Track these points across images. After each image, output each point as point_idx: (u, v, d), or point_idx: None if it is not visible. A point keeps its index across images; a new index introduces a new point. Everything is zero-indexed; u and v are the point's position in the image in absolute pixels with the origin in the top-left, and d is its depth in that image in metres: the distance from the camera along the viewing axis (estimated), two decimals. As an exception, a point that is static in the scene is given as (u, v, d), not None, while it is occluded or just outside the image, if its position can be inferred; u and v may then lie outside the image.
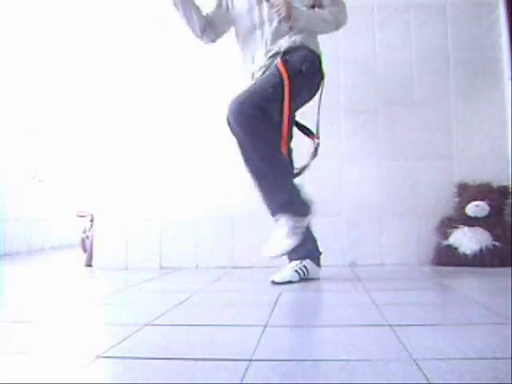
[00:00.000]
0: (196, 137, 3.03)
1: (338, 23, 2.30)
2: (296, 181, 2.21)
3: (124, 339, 1.29)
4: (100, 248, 3.04)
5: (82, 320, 1.64)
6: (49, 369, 1.08)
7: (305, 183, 2.33)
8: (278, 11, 2.15)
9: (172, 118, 3.05)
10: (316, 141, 2.27)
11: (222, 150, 2.86)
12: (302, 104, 2.28)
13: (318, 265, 2.34)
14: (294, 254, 2.25)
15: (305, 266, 2.25)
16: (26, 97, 4.51)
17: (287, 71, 2.12)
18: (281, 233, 2.11)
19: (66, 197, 5.09)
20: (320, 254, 2.36)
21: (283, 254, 2.16)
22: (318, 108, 2.30)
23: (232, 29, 2.44)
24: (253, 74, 2.33)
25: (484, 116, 2.93)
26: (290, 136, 2.29)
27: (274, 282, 2.18)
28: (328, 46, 2.91)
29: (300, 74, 2.16)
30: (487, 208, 2.69)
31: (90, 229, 3.28)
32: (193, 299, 1.90)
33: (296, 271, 2.23)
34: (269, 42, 2.27)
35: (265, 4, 2.24)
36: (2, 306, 1.95)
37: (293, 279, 2.21)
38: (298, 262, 2.27)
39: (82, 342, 1.35)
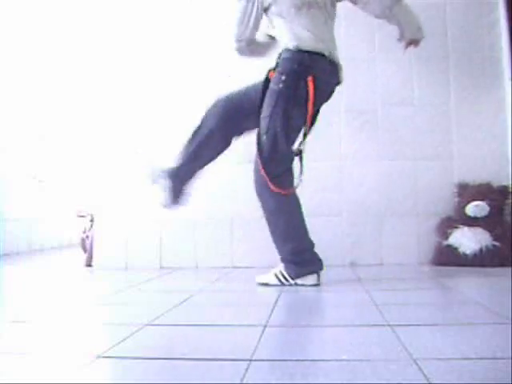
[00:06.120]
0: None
1: None
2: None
3: (124, 339, 1.29)
4: (100, 248, 3.04)
5: (82, 320, 1.64)
6: (49, 369, 1.08)
7: (305, 184, 2.31)
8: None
9: (172, 118, 3.05)
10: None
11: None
12: None
13: (302, 273, 2.12)
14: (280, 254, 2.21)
15: (280, 271, 2.16)
16: (26, 97, 4.50)
17: None
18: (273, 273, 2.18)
19: (66, 197, 5.09)
20: (311, 261, 2.14)
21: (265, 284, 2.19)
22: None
23: None
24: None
25: (484, 116, 2.93)
26: None
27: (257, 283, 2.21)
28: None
29: None
30: (487, 208, 2.69)
31: (90, 229, 3.28)
32: (193, 299, 1.90)
33: (275, 274, 2.18)
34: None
35: None
36: (1, 306, 1.95)
37: (270, 282, 2.17)
38: (280, 265, 2.19)
39: (82, 341, 1.36)
